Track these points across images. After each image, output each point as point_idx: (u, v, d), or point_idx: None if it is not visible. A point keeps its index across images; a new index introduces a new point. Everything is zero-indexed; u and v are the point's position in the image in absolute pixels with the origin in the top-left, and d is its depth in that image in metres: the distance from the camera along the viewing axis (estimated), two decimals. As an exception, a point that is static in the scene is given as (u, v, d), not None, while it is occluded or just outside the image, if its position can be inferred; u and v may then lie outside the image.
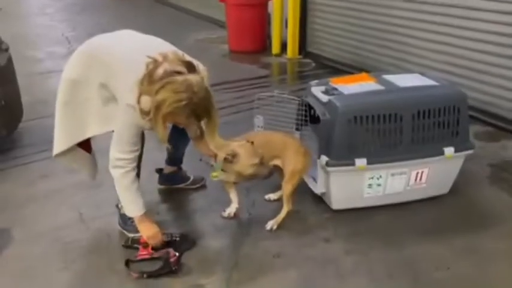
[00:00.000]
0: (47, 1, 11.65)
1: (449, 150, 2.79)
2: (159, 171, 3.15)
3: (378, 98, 2.78)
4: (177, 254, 2.44)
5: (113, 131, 2.41)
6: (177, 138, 2.70)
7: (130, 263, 2.44)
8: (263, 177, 2.71)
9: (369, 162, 2.70)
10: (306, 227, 2.77)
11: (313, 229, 2.74)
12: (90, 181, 2.93)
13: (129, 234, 2.65)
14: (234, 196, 2.83)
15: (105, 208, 2.91)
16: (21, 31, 8.12)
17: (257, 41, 6.63)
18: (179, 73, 2.16)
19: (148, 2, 11.23)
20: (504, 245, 2.60)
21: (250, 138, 2.64)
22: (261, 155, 2.57)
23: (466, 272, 2.40)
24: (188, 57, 2.32)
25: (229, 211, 2.84)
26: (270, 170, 2.75)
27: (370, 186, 2.80)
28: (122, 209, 2.59)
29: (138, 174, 2.53)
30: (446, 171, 2.93)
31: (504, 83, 3.96)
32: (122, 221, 2.71)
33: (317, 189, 2.92)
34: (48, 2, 11.50)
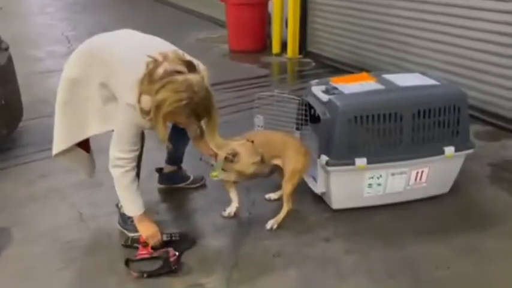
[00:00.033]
0: (47, 0, 11.65)
1: (449, 150, 2.79)
2: (159, 171, 3.14)
3: (378, 97, 2.78)
4: (177, 253, 2.44)
5: (112, 131, 2.41)
6: (177, 137, 2.69)
7: (130, 263, 2.44)
8: (264, 176, 2.71)
9: (369, 162, 2.70)
10: (306, 226, 2.77)
11: (313, 228, 2.74)
12: (90, 180, 2.94)
13: (129, 234, 2.65)
14: (234, 195, 2.83)
15: (105, 207, 2.91)
16: (21, 30, 8.12)
17: (257, 40, 6.63)
18: (179, 73, 2.16)
19: (148, 1, 11.23)
20: (504, 244, 2.60)
21: (251, 137, 2.64)
22: (261, 153, 2.57)
23: (466, 272, 2.40)
24: (188, 57, 2.32)
25: (230, 210, 2.84)
26: (270, 169, 2.75)
27: (370, 185, 2.80)
28: (122, 208, 2.59)
29: (138, 173, 2.53)
30: (447, 171, 2.93)
31: (504, 82, 3.96)
32: (122, 220, 2.71)
33: (317, 188, 2.91)
34: (48, 1, 11.50)
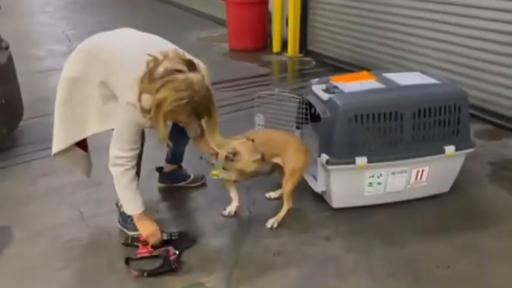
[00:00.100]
0: (47, -1, 11.66)
1: (450, 149, 2.79)
2: (159, 170, 3.14)
3: (378, 96, 2.77)
4: (177, 252, 2.44)
5: (112, 129, 2.41)
6: (178, 136, 2.69)
7: (131, 261, 2.44)
8: (264, 174, 2.70)
9: (369, 161, 2.70)
10: (307, 225, 2.77)
11: (314, 227, 2.74)
12: (90, 179, 2.94)
13: (129, 233, 2.65)
14: (234, 194, 2.83)
15: (105, 206, 2.91)
16: (21, 29, 8.11)
17: (257, 39, 6.62)
18: (180, 71, 2.16)
19: (148, 0, 11.21)
20: (504, 243, 2.60)
21: (251, 136, 2.64)
22: (261, 152, 2.57)
23: (467, 270, 2.40)
24: (188, 56, 2.32)
25: (230, 209, 2.84)
26: (271, 167, 2.75)
27: (370, 184, 2.80)
28: (122, 207, 2.59)
29: (138, 172, 2.53)
30: (447, 170, 2.93)
31: (504, 81, 3.95)
32: (122, 219, 2.71)
33: (317, 187, 2.91)
34: (48, 0, 11.47)
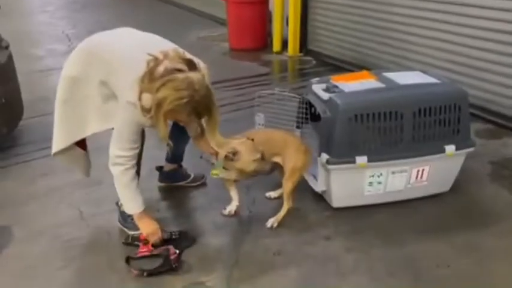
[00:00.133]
0: (47, -1, 11.66)
1: (450, 148, 2.79)
2: (159, 169, 3.14)
3: (378, 95, 2.77)
4: (177, 251, 2.44)
5: (112, 129, 2.41)
6: (178, 135, 2.69)
7: (131, 260, 2.44)
8: (264, 174, 2.70)
9: (369, 160, 2.69)
10: (307, 224, 2.77)
11: (314, 227, 2.74)
12: (90, 179, 2.94)
13: (129, 232, 2.65)
14: (234, 194, 2.83)
15: (105, 206, 2.90)
16: (21, 29, 8.11)
17: (258, 38, 6.62)
18: (180, 71, 2.16)
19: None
20: (505, 242, 2.59)
21: (251, 135, 2.64)
22: (261, 151, 2.56)
23: (467, 270, 2.39)
24: (189, 55, 2.32)
25: (230, 209, 2.84)
26: (271, 167, 2.75)
27: (370, 184, 2.80)
28: (122, 206, 2.59)
29: (138, 171, 2.53)
30: (447, 169, 2.92)
31: (505, 80, 3.95)
32: (122, 218, 2.71)
33: (317, 187, 2.91)
34: (48, 0, 11.48)
